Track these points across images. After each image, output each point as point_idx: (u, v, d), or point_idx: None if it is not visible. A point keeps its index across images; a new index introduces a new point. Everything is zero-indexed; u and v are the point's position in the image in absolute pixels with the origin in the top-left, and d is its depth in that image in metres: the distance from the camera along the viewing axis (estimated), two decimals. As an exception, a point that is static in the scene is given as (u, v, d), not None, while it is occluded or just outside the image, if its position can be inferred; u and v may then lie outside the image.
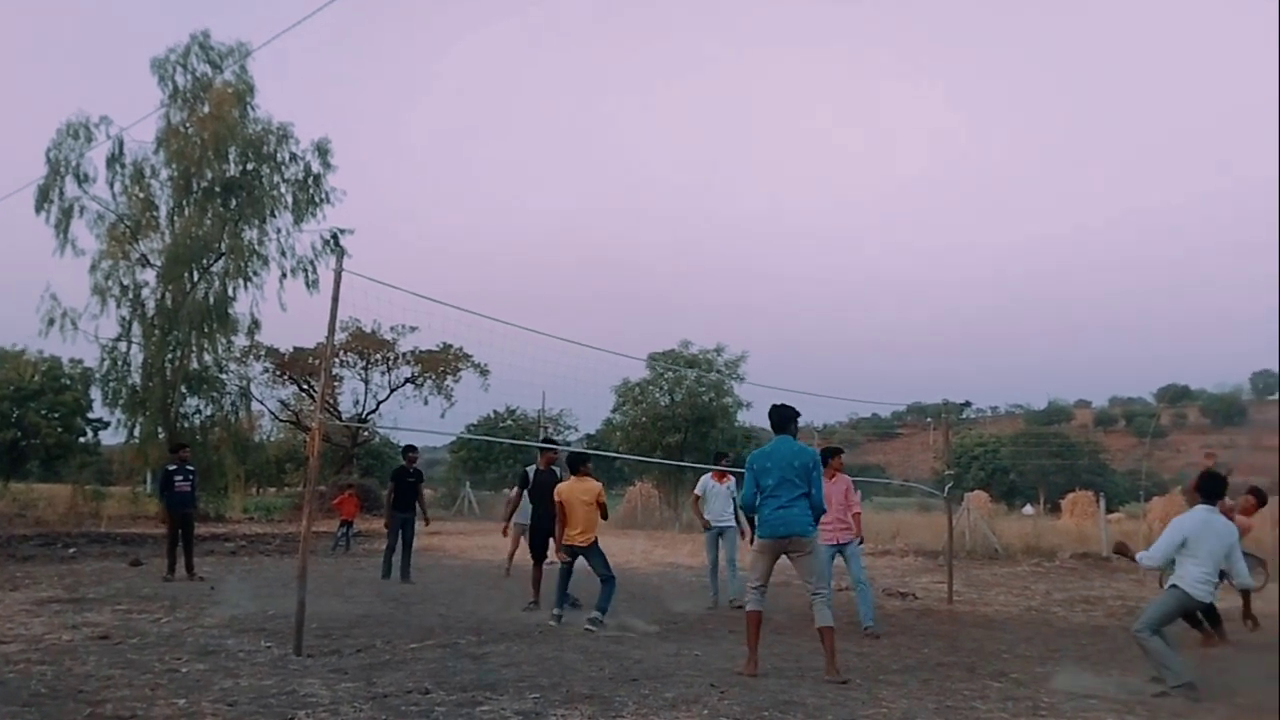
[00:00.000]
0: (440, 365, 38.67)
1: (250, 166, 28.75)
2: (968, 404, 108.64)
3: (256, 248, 28.82)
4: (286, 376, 37.81)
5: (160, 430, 27.66)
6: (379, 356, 38.47)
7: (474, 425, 46.24)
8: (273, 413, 38.92)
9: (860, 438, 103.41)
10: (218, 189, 28.22)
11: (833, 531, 9.51)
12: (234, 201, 28.53)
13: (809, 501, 7.05)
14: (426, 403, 39.14)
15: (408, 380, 39.23)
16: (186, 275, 27.85)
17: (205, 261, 28.11)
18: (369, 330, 36.23)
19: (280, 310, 29.31)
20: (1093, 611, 12.14)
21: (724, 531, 11.76)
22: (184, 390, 28.41)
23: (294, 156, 29.27)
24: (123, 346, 28.08)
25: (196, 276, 28.06)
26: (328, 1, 10.29)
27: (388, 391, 39.13)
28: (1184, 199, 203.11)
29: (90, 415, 42.45)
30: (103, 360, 28.27)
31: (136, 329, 28.00)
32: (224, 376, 29.75)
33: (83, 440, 43.44)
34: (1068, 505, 37.08)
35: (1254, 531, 10.34)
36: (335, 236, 29.52)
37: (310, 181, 29.33)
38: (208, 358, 28.84)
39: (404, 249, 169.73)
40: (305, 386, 38.06)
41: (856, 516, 10.14)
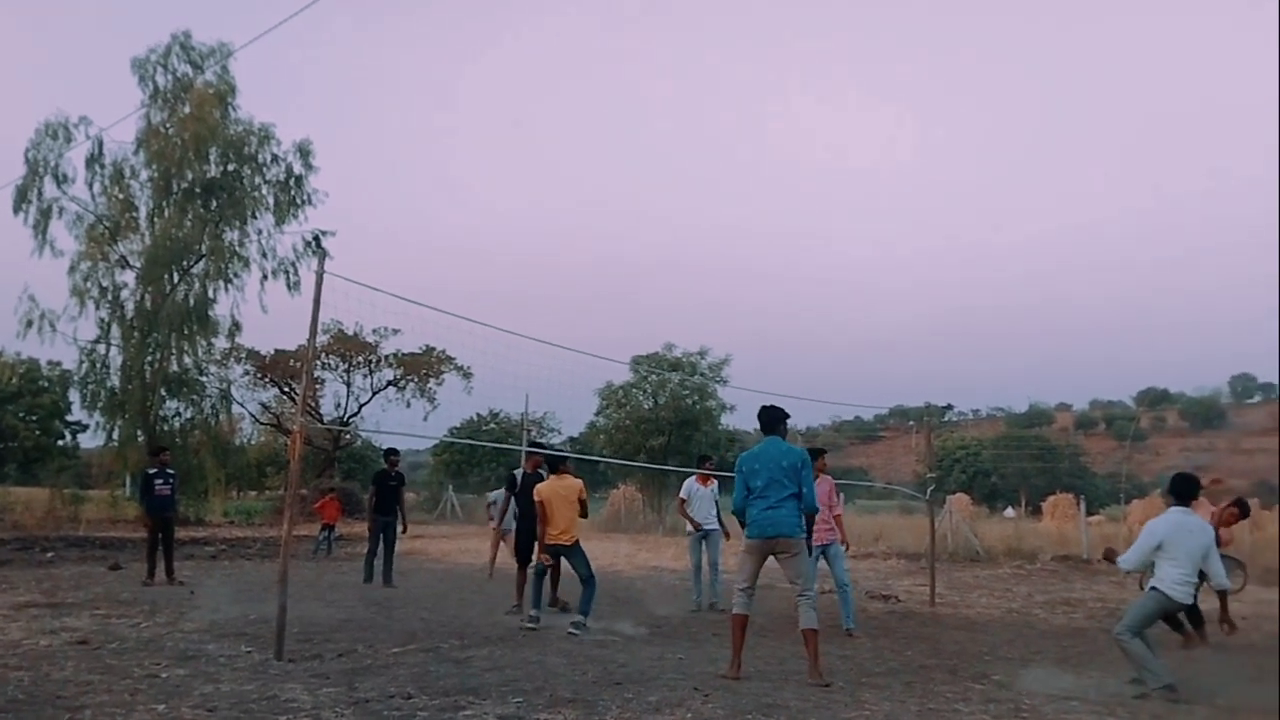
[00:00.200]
0: (423, 368, 38.59)
1: (231, 167, 28.63)
2: (949, 407, 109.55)
3: (237, 249, 28.73)
4: (267, 379, 37.62)
5: (139, 433, 27.51)
6: (361, 359, 38.34)
7: (457, 428, 46.16)
8: (253, 415, 38.74)
9: (843, 440, 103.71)
10: (198, 190, 28.08)
11: (817, 533, 9.51)
12: (215, 203, 28.40)
13: (798, 502, 7.05)
14: (409, 406, 39.12)
15: (390, 383, 39.14)
16: (166, 277, 27.69)
17: (185, 263, 27.96)
18: (351, 333, 36.13)
19: (261, 312, 29.25)
20: (1073, 614, 12.21)
21: (708, 535, 11.75)
22: (164, 393, 28.22)
23: (275, 157, 29.22)
24: (102, 348, 27.94)
25: (176, 278, 27.91)
26: (310, 2, 10.24)
27: (370, 394, 39.06)
28: (1164, 202, 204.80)
29: (69, 418, 42.15)
30: (81, 362, 28.12)
31: (116, 331, 27.84)
32: (204, 379, 29.60)
33: (61, 443, 43.12)
34: (1049, 508, 37.30)
35: (1233, 542, 10.41)
36: (317, 238, 29.45)
37: (292, 183, 29.26)
38: (188, 360, 28.68)
39: (387, 251, 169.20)
40: (286, 389, 37.87)
41: (838, 519, 10.18)
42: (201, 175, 28.11)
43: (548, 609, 10.38)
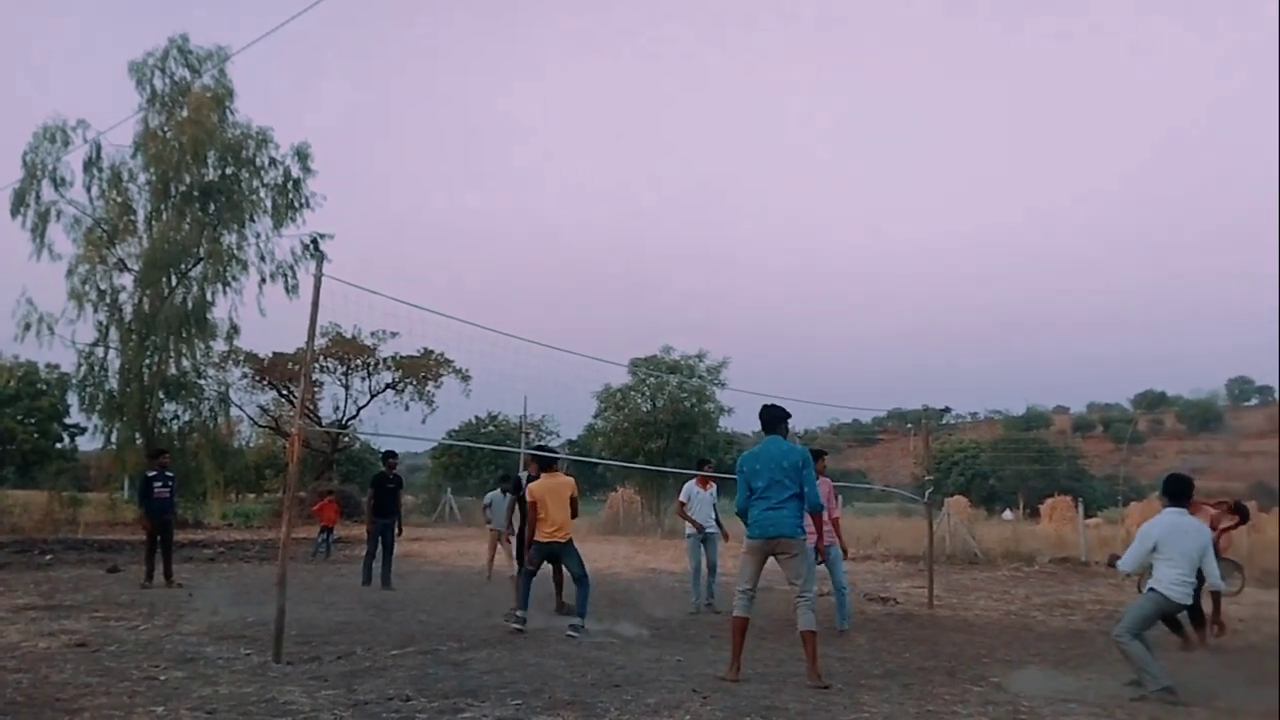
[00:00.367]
0: (421, 371, 38.60)
1: (229, 171, 28.61)
2: (947, 410, 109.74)
3: (235, 252, 28.71)
4: (266, 382, 37.63)
5: (138, 436, 27.48)
6: (359, 362, 38.36)
7: (455, 431, 46.19)
8: (252, 418, 38.72)
9: (841, 443, 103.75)
10: (196, 193, 28.08)
11: (813, 534, 9.50)
12: (213, 206, 28.39)
13: (799, 503, 7.03)
14: (407, 408, 39.15)
15: (388, 386, 39.16)
16: (164, 280, 27.67)
17: (183, 266, 27.95)
18: (349, 336, 36.17)
19: (259, 315, 29.24)
20: (1071, 616, 12.22)
21: (708, 537, 11.78)
22: (162, 396, 28.21)
23: (273, 161, 29.21)
24: (100, 351, 27.91)
25: (175, 281, 27.89)
26: (310, 5, 10.26)
27: (368, 397, 39.09)
28: (1160, 202, 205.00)
29: (67, 421, 42.13)
30: (80, 365, 28.10)
31: (114, 334, 27.81)
32: (202, 382, 29.56)
33: (59, 446, 43.12)
34: (1046, 510, 37.37)
35: (1231, 548, 10.33)
36: (315, 241, 29.45)
37: (290, 186, 29.25)
38: (186, 363, 28.64)
39: (385, 253, 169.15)
40: (285, 392, 37.88)
41: (835, 522, 10.18)
42: (199, 178, 28.10)
43: (554, 613, 10.42)
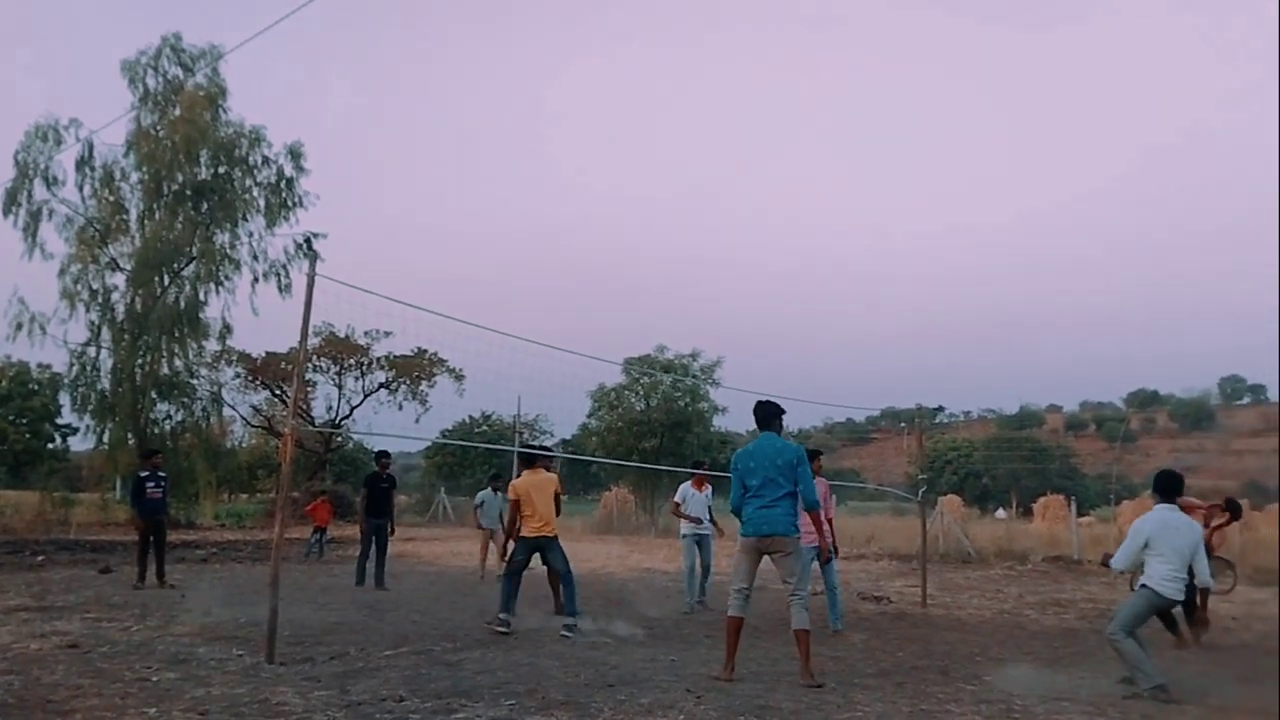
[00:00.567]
0: (415, 370, 38.52)
1: (222, 170, 28.57)
2: (941, 409, 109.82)
3: (228, 252, 28.68)
4: (258, 382, 37.52)
5: (130, 436, 27.40)
6: (353, 361, 38.25)
7: (449, 430, 46.11)
8: (244, 418, 38.63)
9: (835, 442, 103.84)
10: (189, 192, 28.02)
11: (813, 534, 9.52)
12: (205, 205, 28.34)
13: (793, 501, 7.03)
14: (401, 408, 39.03)
15: (382, 385, 39.07)
16: (157, 279, 27.62)
17: (176, 265, 27.90)
18: (342, 335, 36.06)
19: (252, 315, 29.27)
20: (1064, 614, 12.25)
21: (702, 538, 11.81)
22: (154, 396, 28.15)
23: (266, 160, 29.18)
24: (92, 351, 27.84)
25: (167, 281, 27.83)
26: (302, 4, 10.23)
27: (361, 397, 38.99)
28: (1154, 203, 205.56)
29: (59, 421, 42.02)
30: (72, 365, 28.02)
31: (106, 334, 27.77)
32: (195, 382, 29.52)
33: (51, 446, 42.97)
34: (1039, 509, 37.49)
35: (1225, 545, 10.30)
36: (308, 240, 29.42)
37: (283, 185, 29.22)
38: (178, 363, 28.60)
39: (379, 253, 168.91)
40: (278, 392, 37.76)
41: (829, 522, 10.18)
42: (192, 177, 28.03)
43: (552, 613, 10.40)
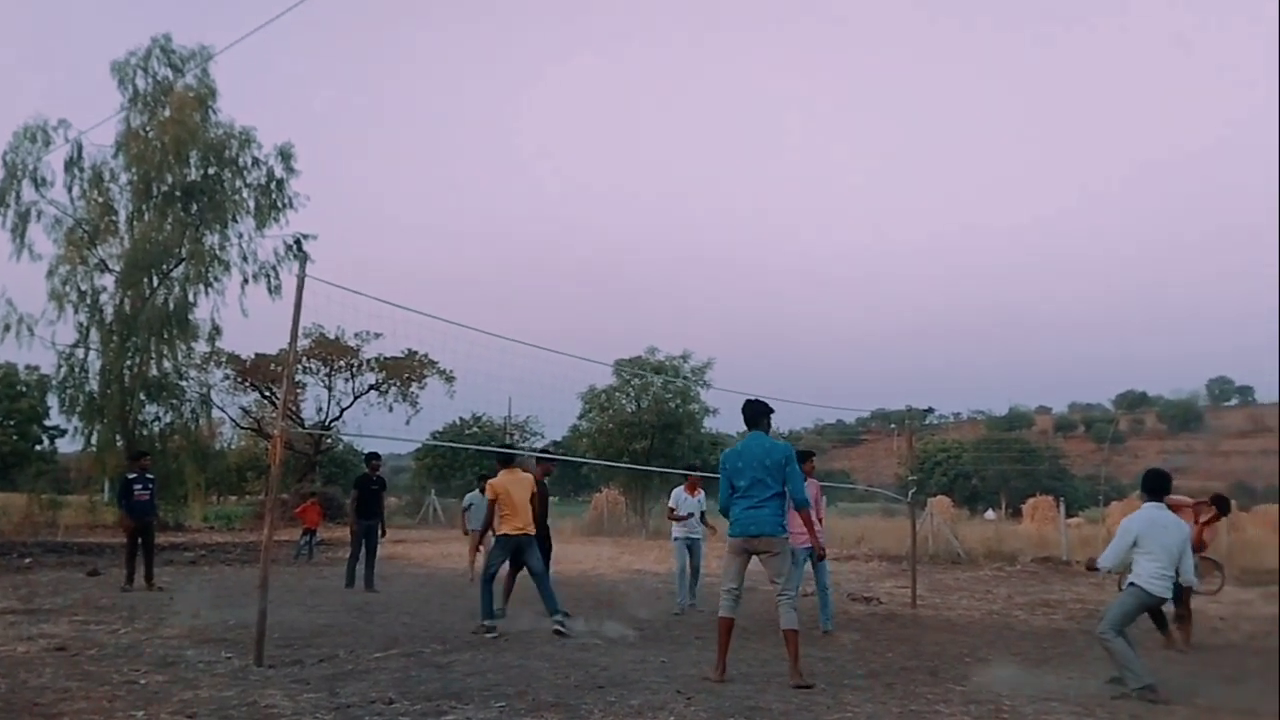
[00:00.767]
0: (405, 372, 38.44)
1: (212, 171, 28.44)
2: (930, 410, 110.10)
3: (217, 253, 28.52)
4: (248, 383, 37.41)
5: (118, 438, 27.27)
6: (343, 363, 38.17)
7: (439, 432, 45.99)
8: (234, 420, 38.49)
9: (825, 444, 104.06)
10: (178, 193, 27.89)
11: (805, 535, 9.56)
12: (195, 206, 28.22)
13: (781, 501, 7.03)
14: (391, 410, 38.93)
15: (372, 387, 38.98)
16: (146, 281, 27.47)
17: (165, 267, 27.77)
18: (332, 336, 35.98)
19: (242, 316, 29.07)
20: (1053, 615, 12.29)
21: (693, 542, 11.86)
22: (143, 397, 27.99)
23: (256, 161, 29.05)
24: (80, 353, 27.66)
25: (156, 282, 27.70)
26: (293, 5, 10.21)
27: (351, 398, 38.89)
28: (1145, 208, 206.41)
29: (47, 423, 41.86)
30: (60, 367, 27.86)
31: (94, 335, 27.57)
32: (184, 383, 29.32)
33: (39, 448, 42.83)
34: (1028, 510, 37.58)
35: (1213, 543, 10.27)
36: (298, 241, 29.32)
37: (273, 186, 29.10)
38: (167, 364, 28.42)
39: (370, 254, 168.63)
40: (267, 393, 37.66)
41: (819, 522, 10.23)
42: (181, 179, 27.92)
43: (544, 614, 10.42)
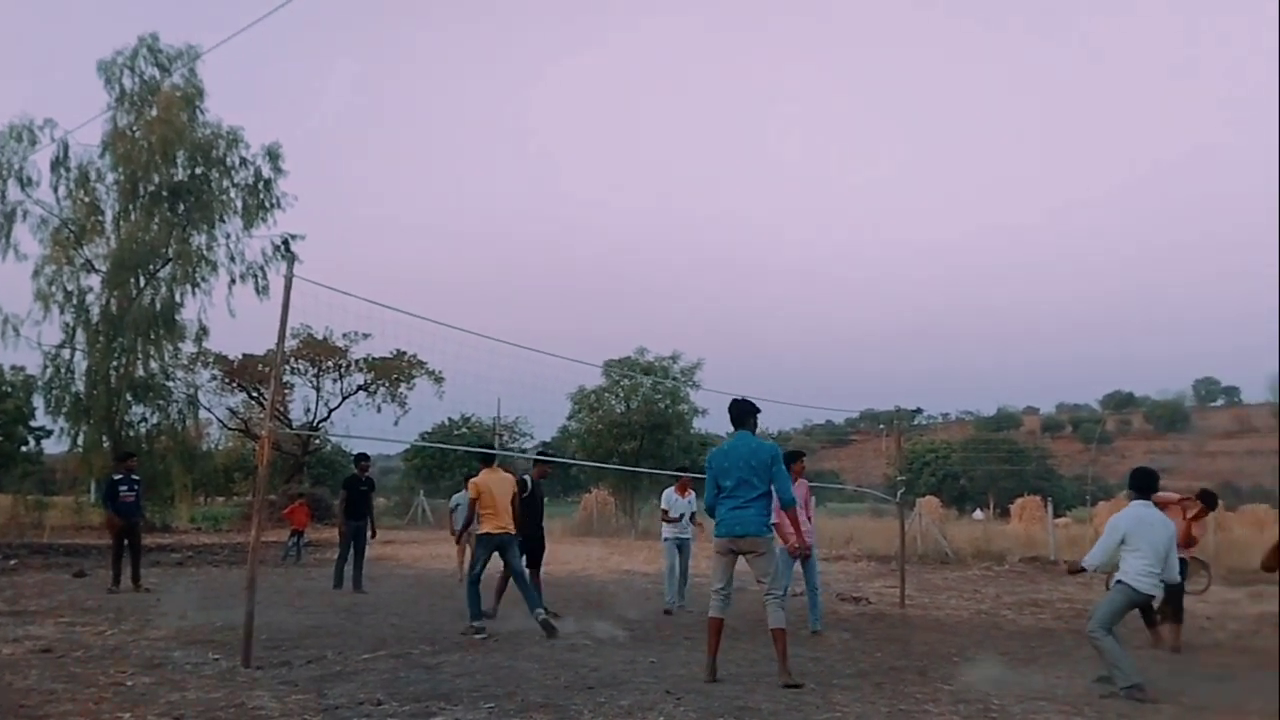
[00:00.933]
0: (393, 372, 38.38)
1: (199, 171, 28.34)
2: (919, 410, 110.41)
3: (205, 253, 28.45)
4: (235, 384, 37.28)
5: (105, 439, 27.15)
6: (331, 363, 38.08)
7: (428, 433, 45.94)
8: (221, 421, 38.35)
9: (814, 444, 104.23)
10: (165, 193, 27.79)
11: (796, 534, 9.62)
12: (182, 206, 28.12)
13: (767, 501, 7.03)
14: (380, 410, 38.88)
15: (360, 388, 38.92)
16: (132, 281, 27.37)
17: (152, 267, 27.66)
18: (321, 337, 35.88)
19: (229, 317, 28.99)
20: (1041, 614, 12.33)
21: (682, 543, 11.90)
22: (129, 398, 27.88)
23: (244, 161, 28.97)
24: (66, 353, 27.56)
25: (143, 282, 27.60)
26: (278, 5, 10.18)
27: (340, 399, 38.82)
28: (1135, 211, 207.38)
29: (33, 423, 41.45)
30: (46, 367, 27.74)
31: (81, 335, 27.48)
32: (171, 384, 29.24)
33: (25, 449, 42.44)
34: (1016, 510, 37.76)
35: (1202, 539, 10.25)
36: (286, 242, 29.23)
37: (260, 186, 29.02)
38: (154, 365, 28.32)
39: (359, 255, 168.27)
40: (255, 394, 37.53)
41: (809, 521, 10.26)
42: (169, 178, 27.81)
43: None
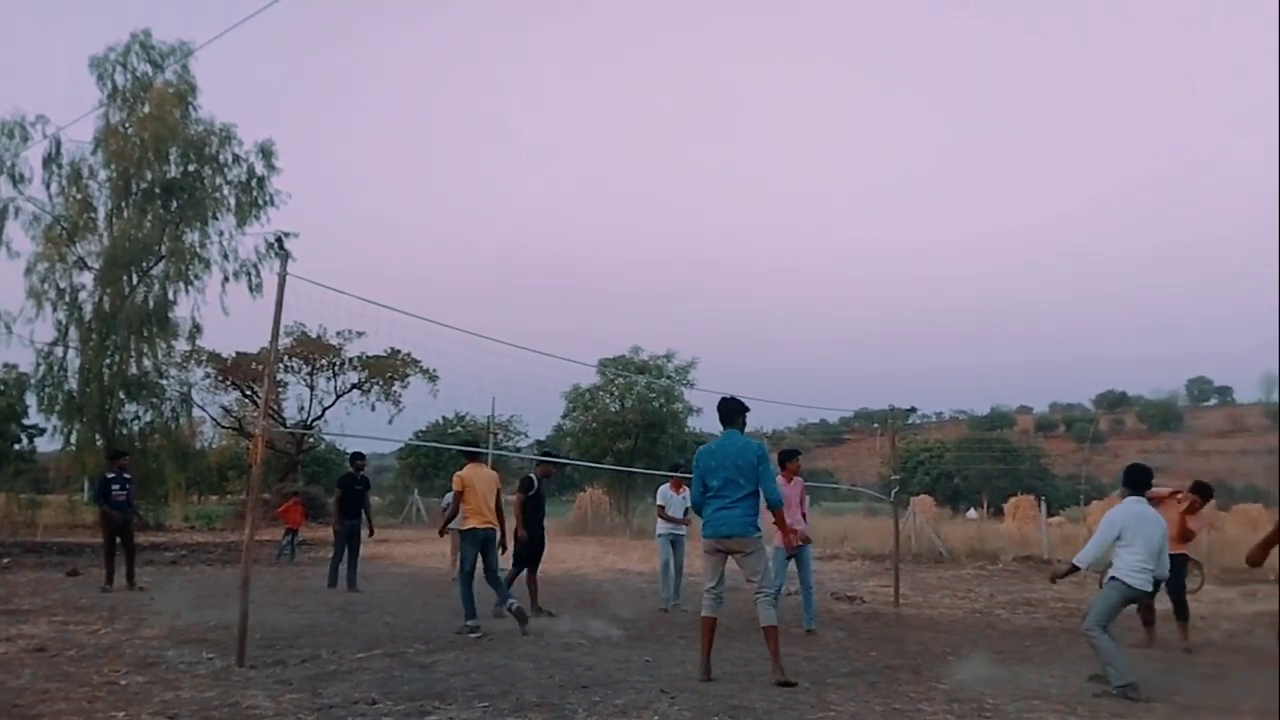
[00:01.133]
0: (388, 371, 38.30)
1: (192, 168, 28.27)
2: (913, 410, 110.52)
3: (198, 250, 28.38)
4: (229, 382, 37.19)
5: (98, 437, 27.05)
6: (325, 362, 37.98)
7: (422, 432, 45.86)
8: (214, 419, 38.24)
9: (809, 443, 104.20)
10: (158, 190, 27.71)
11: (794, 533, 9.66)
12: (175, 203, 28.03)
13: (754, 501, 7.03)
14: (374, 409, 38.77)
15: (354, 386, 38.82)
16: (125, 278, 27.30)
17: (145, 264, 27.59)
18: (314, 335, 35.80)
19: (222, 314, 28.95)
20: (1034, 613, 12.36)
21: (676, 539, 11.91)
22: (122, 396, 27.80)
23: (237, 158, 28.90)
24: (59, 351, 27.45)
25: (136, 280, 27.52)
26: (269, 3, 10.14)
27: (334, 397, 38.72)
28: (1125, 206, 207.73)
29: (25, 421, 41.32)
30: (38, 365, 27.60)
31: (74, 333, 27.39)
32: (164, 382, 29.13)
33: (17, 447, 42.23)
34: (1010, 509, 37.78)
35: (1196, 536, 10.22)
36: (279, 239, 29.17)
37: (253, 183, 28.95)
38: (147, 363, 28.25)
39: (353, 253, 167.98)
40: (248, 392, 37.46)
41: (804, 518, 10.31)
42: (161, 175, 27.72)
43: (535, 612, 10.50)
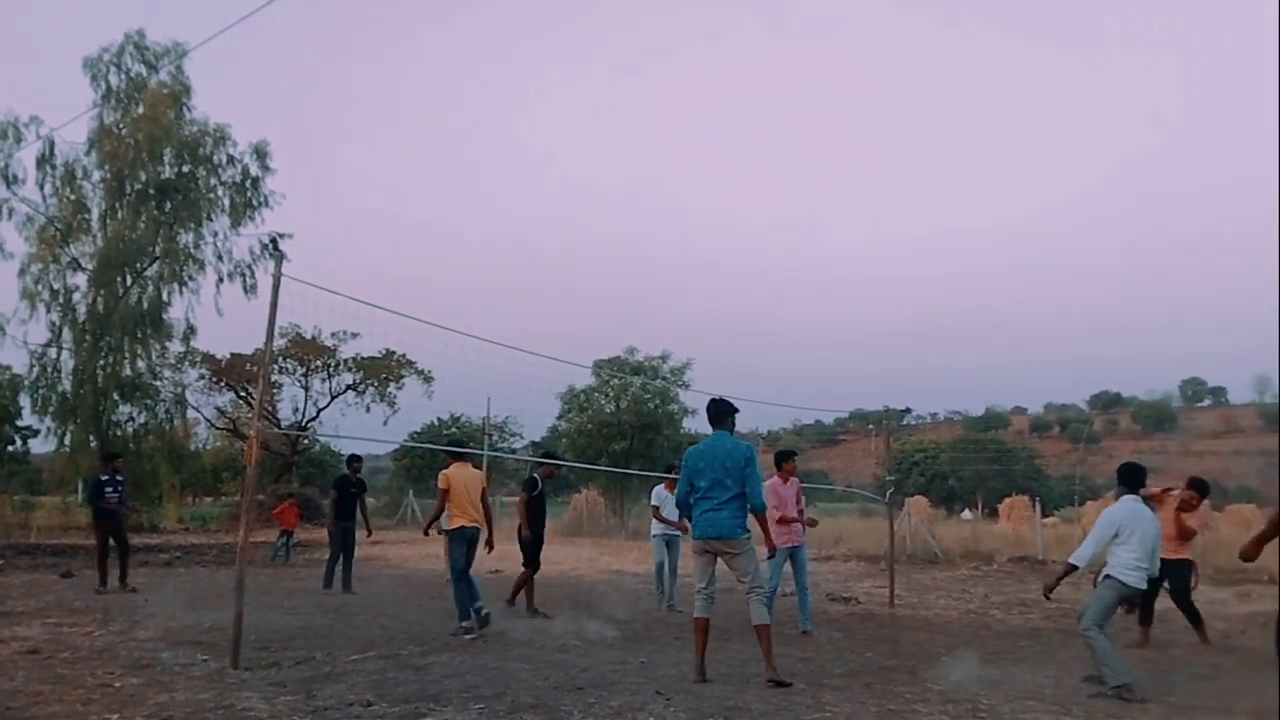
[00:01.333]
0: (382, 372, 38.28)
1: (186, 169, 28.19)
2: (908, 410, 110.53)
3: (192, 252, 28.30)
4: (223, 383, 37.13)
5: (92, 439, 26.99)
6: (319, 363, 37.95)
7: (417, 433, 45.80)
8: (209, 420, 38.20)
9: (804, 444, 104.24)
10: (152, 191, 27.64)
11: (788, 535, 9.69)
12: (169, 204, 27.96)
13: (741, 502, 7.03)
14: (369, 410, 38.75)
15: (349, 387, 38.79)
16: (119, 279, 27.23)
17: (139, 265, 27.51)
18: (309, 336, 35.76)
19: (217, 315, 28.87)
20: (1029, 614, 12.36)
21: (671, 540, 11.93)
22: (116, 397, 27.71)
23: (231, 159, 28.81)
24: (53, 352, 27.36)
25: (130, 281, 27.46)
26: (264, 4, 10.13)
27: (328, 399, 38.69)
28: (1121, 211, 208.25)
29: (19, 423, 41.20)
30: (32, 366, 27.53)
31: (67, 334, 27.31)
32: (158, 383, 29.04)
33: (11, 449, 42.14)
34: (1005, 510, 37.80)
35: (1195, 536, 10.19)
36: (274, 241, 29.08)
37: (248, 184, 28.86)
38: (141, 364, 28.15)
39: (349, 254, 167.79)
40: (243, 393, 37.38)
41: (799, 515, 10.32)
42: (155, 176, 27.65)
43: (526, 615, 10.50)
